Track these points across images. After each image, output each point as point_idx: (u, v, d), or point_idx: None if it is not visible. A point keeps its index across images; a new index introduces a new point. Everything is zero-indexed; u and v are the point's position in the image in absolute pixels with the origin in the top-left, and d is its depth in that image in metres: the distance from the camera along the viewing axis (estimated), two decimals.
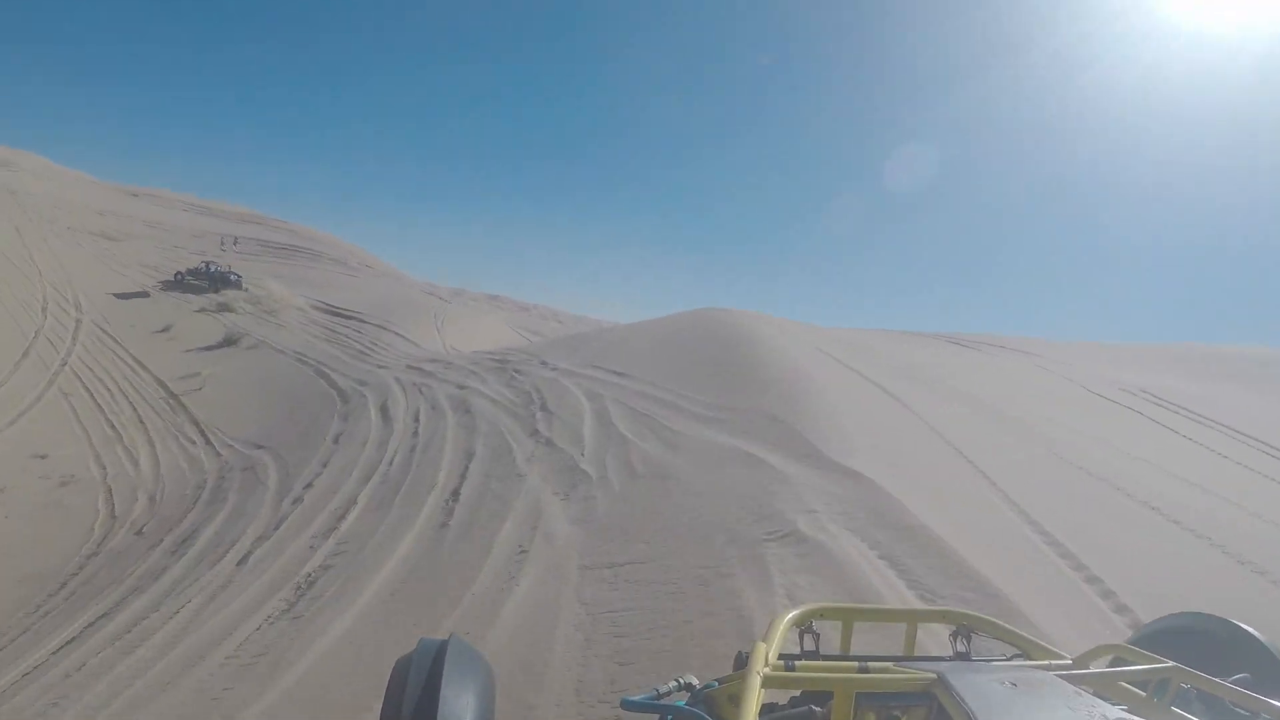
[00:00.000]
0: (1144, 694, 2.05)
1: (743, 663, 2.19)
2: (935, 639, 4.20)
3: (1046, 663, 2.24)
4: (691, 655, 4.82)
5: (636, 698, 2.17)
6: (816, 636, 2.52)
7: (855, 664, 2.19)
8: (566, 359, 19.86)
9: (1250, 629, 2.66)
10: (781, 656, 2.12)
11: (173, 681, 6.08)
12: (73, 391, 24.48)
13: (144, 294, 33.29)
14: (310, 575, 7.83)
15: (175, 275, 36.01)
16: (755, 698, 1.75)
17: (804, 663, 2.13)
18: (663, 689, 2.24)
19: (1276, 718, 1.88)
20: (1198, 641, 2.67)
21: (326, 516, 9.77)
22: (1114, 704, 1.84)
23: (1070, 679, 1.92)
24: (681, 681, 2.31)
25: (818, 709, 2.01)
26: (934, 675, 1.85)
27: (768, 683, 1.85)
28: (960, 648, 2.60)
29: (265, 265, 41.64)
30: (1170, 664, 2.09)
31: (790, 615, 2.44)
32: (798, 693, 2.17)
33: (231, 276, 35.78)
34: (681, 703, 2.16)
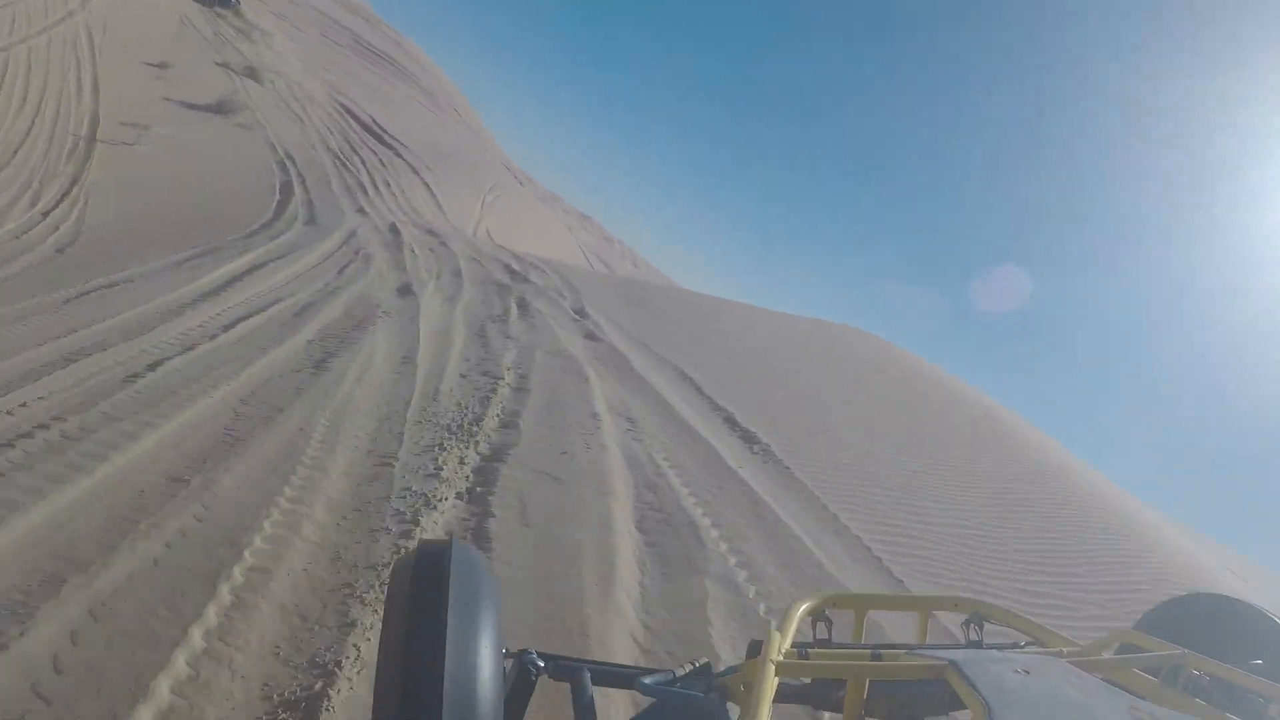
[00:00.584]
0: (1156, 680, 2.03)
1: (756, 650, 2.02)
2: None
3: (1059, 650, 2.20)
4: None
5: (650, 680, 2.06)
6: (830, 624, 2.39)
7: (868, 652, 2.11)
8: (618, 316, 12.57)
9: (1265, 608, 2.53)
10: (795, 644, 2.09)
11: None
12: None
13: None
14: None
15: None
16: (769, 685, 1.71)
17: (817, 650, 2.13)
18: (679, 672, 2.14)
19: None
20: (1207, 623, 2.52)
21: None
22: (1126, 690, 1.86)
23: (1082, 665, 1.91)
24: (697, 664, 2.19)
25: (831, 695, 2.07)
26: (946, 662, 1.78)
27: (781, 670, 1.81)
28: (973, 635, 2.46)
29: (340, 58, 34.97)
30: (1182, 650, 2.08)
31: (804, 604, 2.34)
32: (808, 680, 2.14)
33: None
34: (694, 688, 2.05)
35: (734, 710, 1.98)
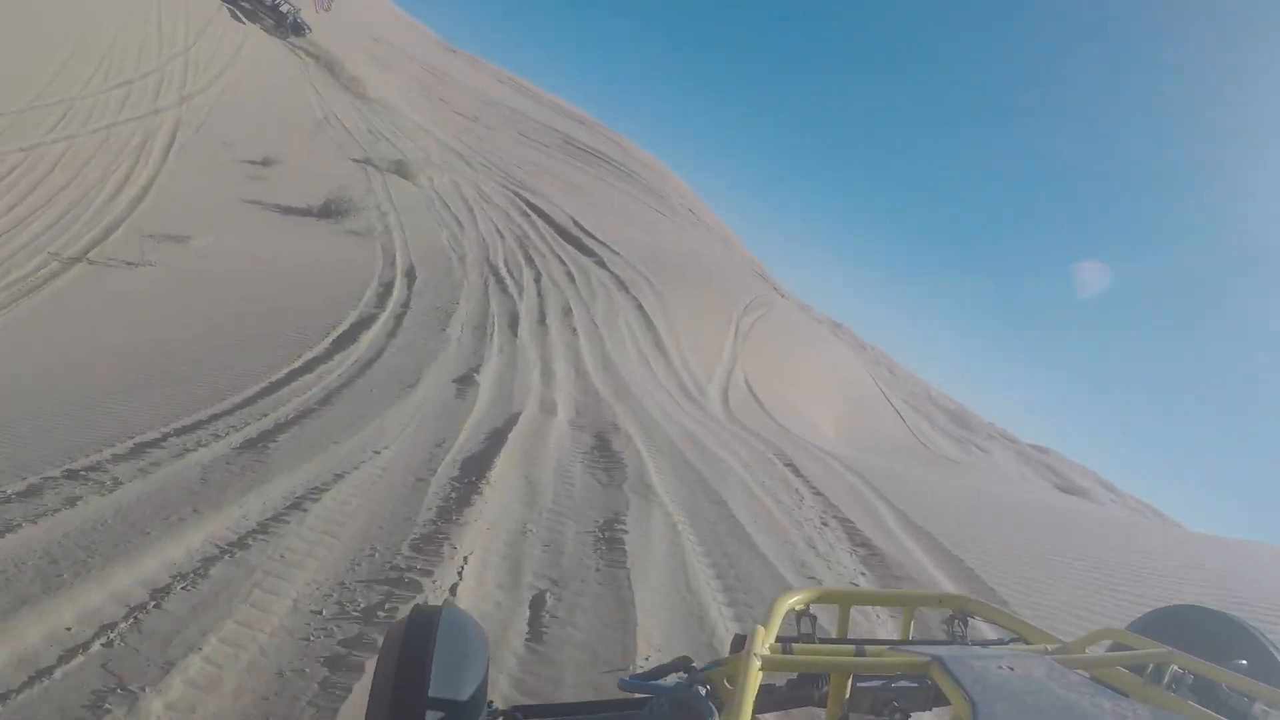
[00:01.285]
0: (1140, 678, 2.04)
1: (740, 645, 2.06)
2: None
3: (1043, 646, 2.21)
4: None
5: (632, 678, 2.11)
6: (814, 620, 2.39)
7: (852, 647, 2.19)
8: None
9: (1246, 622, 2.58)
10: (779, 639, 2.10)
11: None
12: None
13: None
14: None
15: None
16: (753, 680, 1.71)
17: (801, 645, 2.14)
18: (660, 668, 2.16)
19: (1272, 702, 1.91)
20: (1191, 635, 2.51)
21: None
22: (1109, 687, 1.88)
23: (1067, 662, 1.93)
24: (680, 661, 2.18)
25: (815, 691, 2.11)
26: (930, 657, 1.80)
27: (765, 665, 1.80)
28: (957, 631, 2.51)
29: (542, 157, 27.94)
30: (1166, 648, 2.09)
31: (789, 599, 2.33)
32: (795, 675, 2.20)
33: (301, 21, 27.52)
34: (678, 683, 2.05)
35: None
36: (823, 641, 2.29)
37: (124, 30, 20.63)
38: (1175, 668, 2.01)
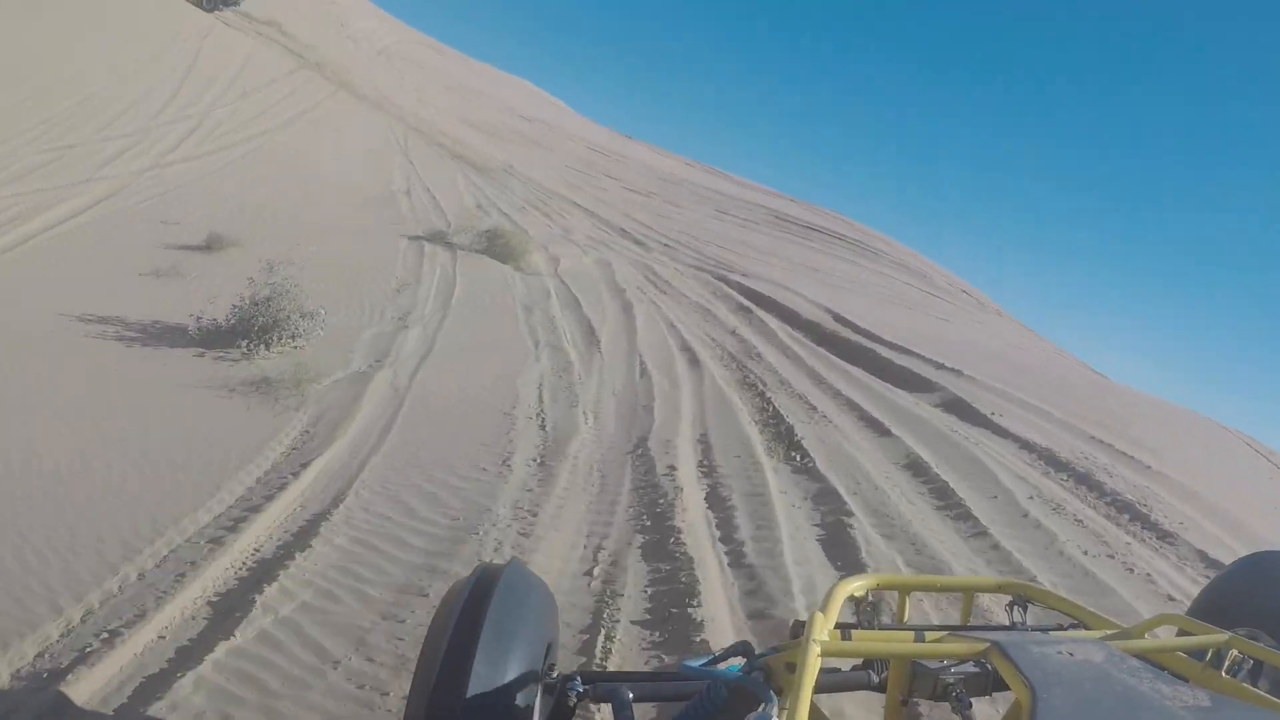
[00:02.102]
0: (1200, 664, 1.91)
1: (799, 631, 2.06)
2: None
3: (1103, 632, 2.10)
4: None
5: (694, 662, 2.01)
6: (873, 606, 2.33)
7: (911, 633, 2.11)
8: None
9: None
10: (838, 625, 2.00)
11: None
12: None
13: None
14: None
15: None
16: (813, 665, 1.62)
17: (860, 631, 2.09)
18: (719, 654, 2.10)
19: None
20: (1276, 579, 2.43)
21: None
22: (1170, 673, 1.80)
23: (1126, 648, 1.82)
24: (739, 646, 2.13)
25: (875, 677, 2.04)
26: (990, 643, 1.71)
27: (825, 651, 1.71)
28: (1017, 618, 2.41)
29: (749, 235, 19.14)
30: (1227, 634, 1.92)
31: (848, 586, 2.24)
32: (859, 661, 2.13)
33: None
34: (736, 667, 1.97)
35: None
36: (882, 628, 2.22)
37: (121, 81, 13.82)
38: (1235, 652, 1.87)
